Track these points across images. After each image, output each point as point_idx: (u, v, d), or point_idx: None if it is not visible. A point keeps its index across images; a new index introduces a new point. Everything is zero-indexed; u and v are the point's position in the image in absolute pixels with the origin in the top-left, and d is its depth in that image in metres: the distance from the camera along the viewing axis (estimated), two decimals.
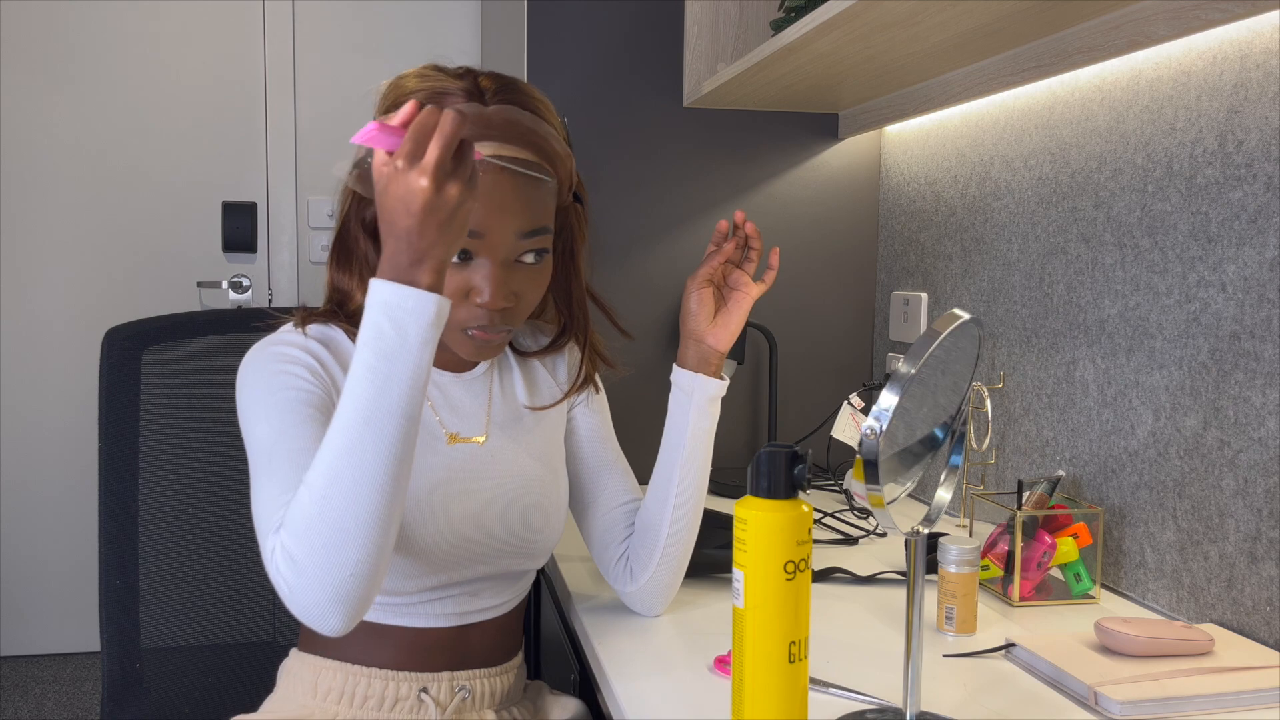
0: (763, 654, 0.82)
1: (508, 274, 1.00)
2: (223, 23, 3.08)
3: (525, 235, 1.00)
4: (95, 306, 3.06)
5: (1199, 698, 0.95)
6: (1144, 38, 1.20)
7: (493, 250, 0.99)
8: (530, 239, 1.01)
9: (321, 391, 1.00)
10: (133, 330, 1.31)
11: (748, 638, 0.82)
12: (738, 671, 0.83)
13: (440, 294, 0.86)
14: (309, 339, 1.04)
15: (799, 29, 1.38)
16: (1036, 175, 1.50)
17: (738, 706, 0.84)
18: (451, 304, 0.98)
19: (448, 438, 1.08)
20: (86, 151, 3.04)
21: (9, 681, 2.93)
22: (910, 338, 1.89)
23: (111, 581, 1.28)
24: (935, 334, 0.81)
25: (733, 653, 0.84)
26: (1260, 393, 1.11)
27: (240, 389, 1.01)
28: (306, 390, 0.99)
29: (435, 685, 1.09)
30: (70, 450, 3.07)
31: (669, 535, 1.13)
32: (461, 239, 0.86)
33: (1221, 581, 1.16)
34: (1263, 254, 1.10)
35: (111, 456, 1.29)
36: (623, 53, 1.92)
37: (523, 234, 1.00)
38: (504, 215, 0.98)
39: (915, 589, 0.88)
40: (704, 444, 1.14)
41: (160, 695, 1.30)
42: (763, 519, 0.81)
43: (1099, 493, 1.35)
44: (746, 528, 0.81)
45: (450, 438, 1.08)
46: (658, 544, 1.14)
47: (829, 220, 2.01)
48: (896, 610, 1.23)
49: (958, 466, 0.91)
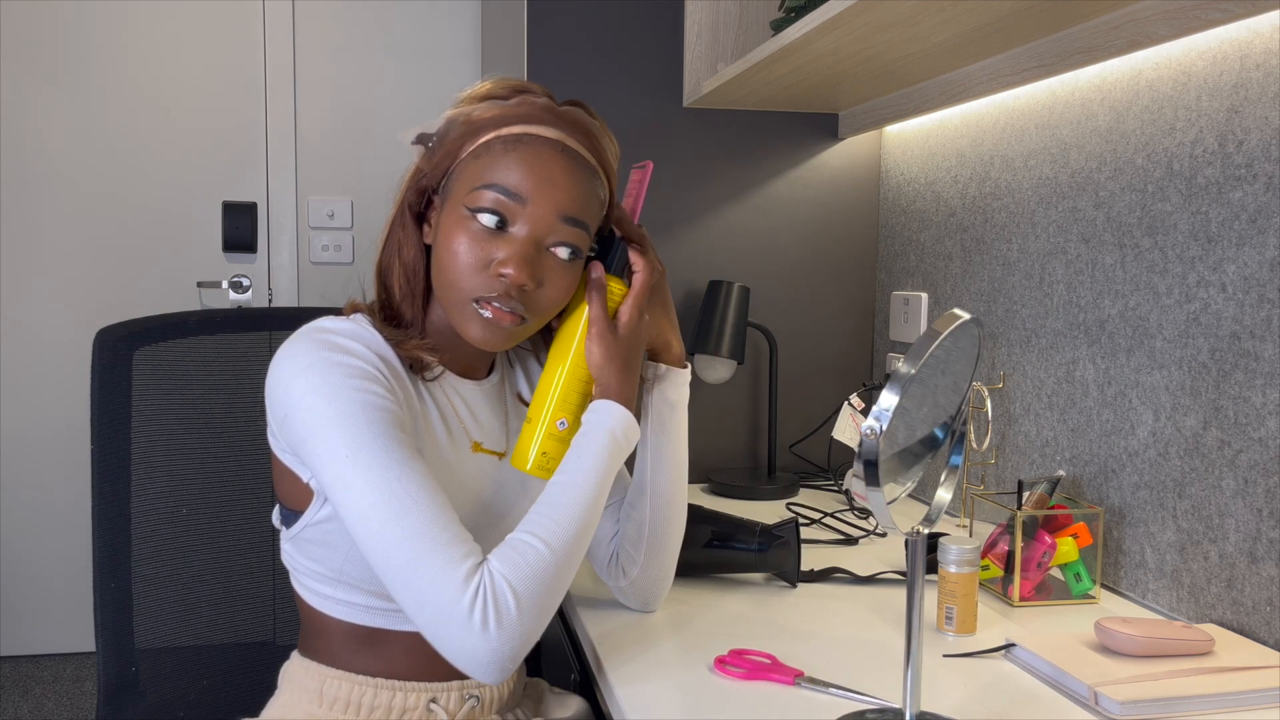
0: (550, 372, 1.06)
1: (537, 255, 1.00)
2: (223, 23, 3.08)
3: (565, 219, 1.00)
4: (95, 306, 3.06)
5: (1199, 698, 0.95)
6: (1144, 38, 1.20)
7: (531, 221, 0.99)
8: (569, 226, 1.01)
9: (395, 404, 0.97)
10: (124, 330, 1.30)
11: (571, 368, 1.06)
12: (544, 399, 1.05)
13: None
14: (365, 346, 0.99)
15: (799, 29, 1.38)
16: (1036, 175, 1.50)
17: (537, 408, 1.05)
18: (469, 270, 0.99)
19: (471, 445, 1.08)
20: (86, 151, 3.04)
21: (9, 681, 2.93)
22: (910, 338, 1.89)
23: (106, 583, 1.28)
24: (935, 334, 0.81)
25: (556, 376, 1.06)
26: (1260, 393, 1.11)
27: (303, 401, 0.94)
28: (387, 408, 0.95)
29: (445, 695, 1.08)
30: (71, 450, 3.07)
31: (650, 527, 1.14)
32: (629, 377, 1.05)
33: (1221, 581, 1.16)
34: (1263, 254, 1.10)
35: (104, 458, 1.28)
36: (623, 53, 1.92)
37: (564, 216, 1.00)
38: (553, 188, 0.99)
39: (915, 589, 0.88)
40: (669, 435, 1.13)
41: (156, 697, 1.30)
42: None
43: (1099, 493, 1.35)
44: None
45: (474, 446, 1.08)
46: (642, 536, 1.14)
47: (829, 220, 2.01)
48: (896, 610, 1.23)
49: (958, 466, 0.91)
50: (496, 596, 0.89)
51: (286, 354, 0.98)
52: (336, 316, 1.04)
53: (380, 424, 0.94)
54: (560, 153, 1.01)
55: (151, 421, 1.31)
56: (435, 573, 0.89)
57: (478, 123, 1.02)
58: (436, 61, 3.16)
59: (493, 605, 0.88)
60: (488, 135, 1.01)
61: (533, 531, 0.94)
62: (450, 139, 1.03)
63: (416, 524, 0.90)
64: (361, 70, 3.13)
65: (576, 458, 1.00)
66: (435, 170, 1.04)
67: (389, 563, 0.90)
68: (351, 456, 0.92)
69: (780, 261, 2.00)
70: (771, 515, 1.60)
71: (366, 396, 0.95)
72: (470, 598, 0.88)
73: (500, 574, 0.90)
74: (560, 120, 1.02)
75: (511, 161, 0.99)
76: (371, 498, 0.91)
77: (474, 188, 0.99)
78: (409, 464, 0.93)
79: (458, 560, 0.89)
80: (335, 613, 1.06)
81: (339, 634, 1.06)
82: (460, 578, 0.89)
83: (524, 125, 1.01)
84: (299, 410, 0.95)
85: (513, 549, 0.92)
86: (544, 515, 0.96)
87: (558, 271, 1.02)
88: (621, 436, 1.03)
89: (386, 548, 0.90)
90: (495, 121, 1.01)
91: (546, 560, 0.92)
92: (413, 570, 0.89)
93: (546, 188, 0.99)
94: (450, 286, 1.01)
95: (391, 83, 3.15)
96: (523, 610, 0.90)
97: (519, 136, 1.00)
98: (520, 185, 0.99)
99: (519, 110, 1.02)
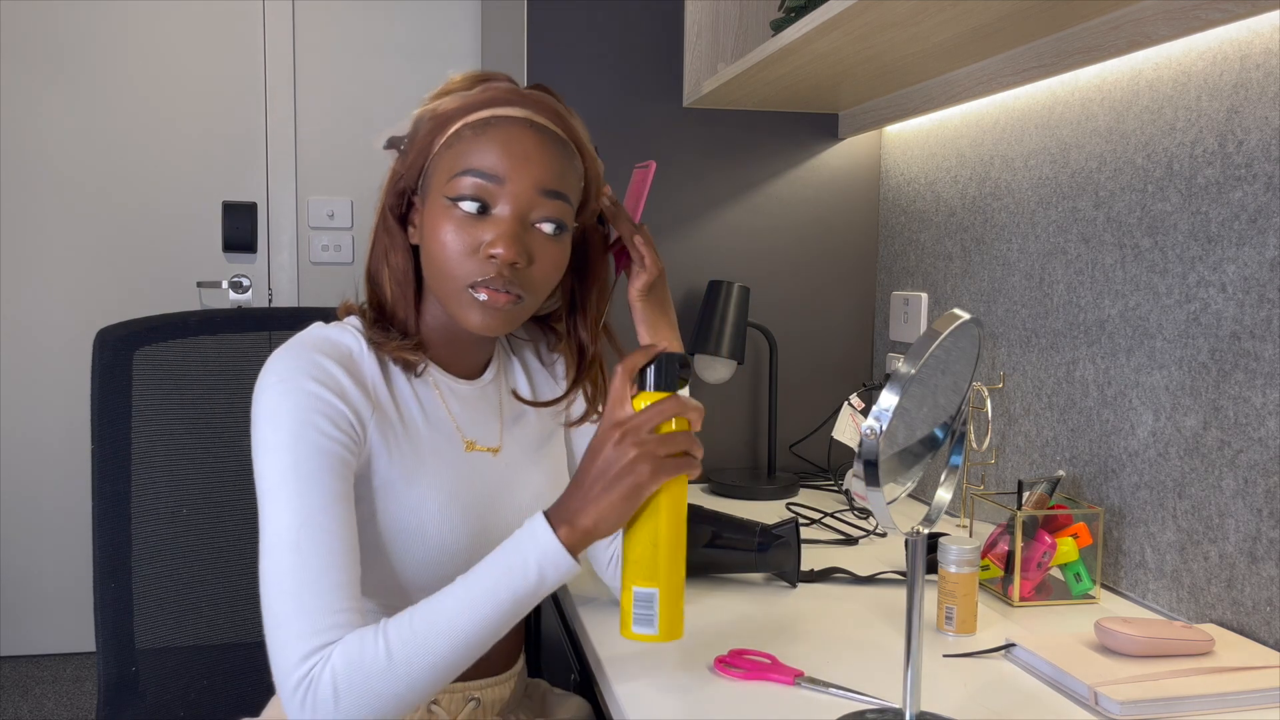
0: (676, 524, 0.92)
1: (524, 232, 1.01)
2: (223, 23, 3.08)
3: (545, 193, 1.01)
4: (95, 306, 3.06)
5: (1199, 698, 0.95)
6: (1144, 38, 1.20)
7: (512, 199, 1.00)
8: (549, 199, 1.01)
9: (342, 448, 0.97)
10: (124, 331, 1.30)
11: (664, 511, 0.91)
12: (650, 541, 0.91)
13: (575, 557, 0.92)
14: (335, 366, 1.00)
15: (799, 29, 1.38)
16: (1036, 175, 1.50)
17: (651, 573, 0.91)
18: (460, 256, 0.99)
19: (465, 445, 1.08)
20: (86, 151, 3.04)
21: (9, 681, 2.93)
22: (910, 338, 1.89)
23: (106, 584, 1.28)
24: (935, 334, 0.81)
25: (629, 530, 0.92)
26: (1260, 393, 1.11)
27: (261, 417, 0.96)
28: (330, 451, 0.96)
29: (446, 696, 1.08)
30: (72, 450, 3.07)
31: None
32: (621, 522, 0.92)
33: (1221, 581, 1.16)
34: (1263, 254, 1.10)
35: (104, 458, 1.28)
36: (623, 53, 1.92)
37: (542, 189, 1.00)
38: (527, 164, 1.00)
39: (915, 589, 0.88)
40: None
41: (156, 697, 1.30)
42: None
43: (1099, 493, 1.35)
44: None
45: (467, 445, 1.08)
46: None
47: (829, 220, 2.01)
48: (896, 610, 1.23)
49: (958, 466, 0.91)
50: (319, 689, 0.87)
51: (271, 364, 0.99)
52: (330, 323, 1.05)
53: (318, 469, 0.94)
54: (530, 128, 1.01)
55: (152, 421, 1.31)
56: (286, 638, 0.89)
57: (445, 114, 1.03)
58: (436, 61, 3.16)
59: (313, 694, 0.87)
60: (456, 124, 1.03)
61: (392, 632, 0.89)
62: (421, 136, 1.04)
63: (298, 582, 0.90)
64: (361, 70, 3.13)
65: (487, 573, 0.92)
66: (411, 170, 1.05)
67: (266, 604, 0.91)
68: (276, 489, 0.93)
69: (780, 261, 2.00)
70: (771, 515, 1.60)
71: (318, 438, 0.95)
72: (299, 677, 0.88)
73: (333, 666, 0.88)
74: (525, 99, 1.03)
75: (483, 144, 1.00)
76: (278, 535, 0.92)
77: (451, 177, 1.00)
78: (327, 513, 0.93)
79: (308, 634, 0.89)
80: None
81: None
82: (301, 654, 0.88)
83: (490, 109, 1.02)
84: (256, 424, 0.97)
85: (362, 643, 0.89)
86: (416, 622, 0.90)
87: (545, 247, 1.02)
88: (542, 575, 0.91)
89: (269, 589, 0.91)
90: (461, 110, 1.03)
91: (381, 668, 0.88)
92: (275, 625, 0.90)
93: (521, 164, 1.00)
94: (443, 276, 1.01)
95: (391, 83, 3.15)
96: (340, 709, 0.87)
97: (487, 120, 1.01)
98: (495, 166, 0.99)
99: (483, 96, 1.03)
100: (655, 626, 0.91)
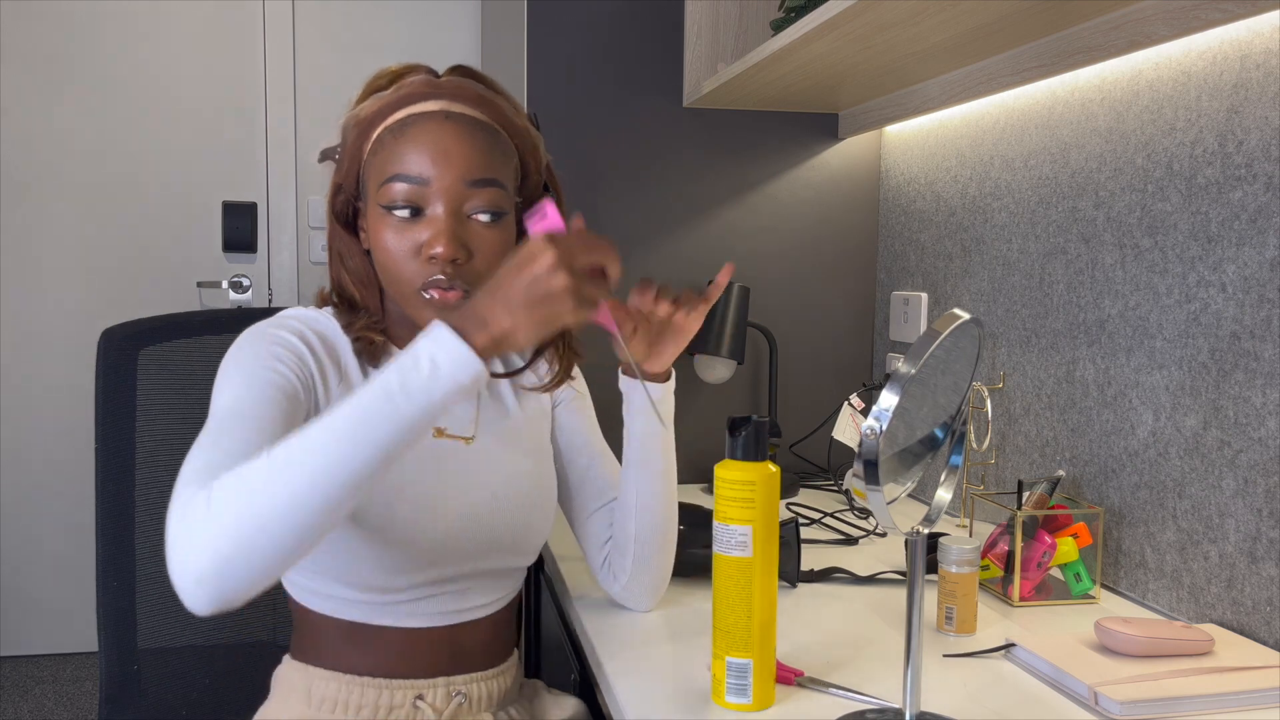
0: (769, 594, 0.92)
1: (459, 226, 1.02)
2: (223, 23, 3.08)
3: (473, 183, 1.01)
4: (95, 307, 3.06)
5: (1199, 698, 0.95)
6: (1144, 38, 1.20)
7: (442, 196, 1.01)
8: (480, 189, 1.02)
9: (298, 383, 0.99)
10: (129, 330, 1.31)
11: (757, 581, 0.91)
12: (745, 611, 0.92)
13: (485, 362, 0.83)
14: (308, 329, 1.05)
15: (799, 29, 1.38)
16: (1036, 175, 1.50)
17: (745, 643, 0.92)
18: (404, 260, 1.01)
19: (434, 431, 1.08)
20: (87, 152, 3.04)
21: (9, 681, 2.93)
22: (910, 338, 1.89)
23: (109, 583, 1.28)
24: (935, 334, 0.81)
25: (722, 599, 0.93)
26: (1260, 393, 1.11)
27: (225, 359, 1.00)
28: (283, 376, 0.98)
29: (431, 691, 1.08)
30: (72, 450, 3.07)
31: (637, 538, 1.14)
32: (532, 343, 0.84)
33: (1221, 581, 1.16)
34: (1263, 254, 1.10)
35: (108, 457, 1.29)
36: (623, 53, 1.92)
37: (470, 181, 1.01)
38: (449, 161, 1.00)
39: (915, 589, 0.88)
40: (655, 447, 1.13)
41: (158, 696, 1.30)
42: (769, 477, 0.91)
43: (1099, 493, 1.35)
44: (755, 487, 0.91)
45: (437, 432, 1.09)
46: (629, 546, 1.14)
47: (829, 220, 2.01)
48: (896, 610, 1.23)
49: (958, 466, 0.91)
50: (195, 497, 0.80)
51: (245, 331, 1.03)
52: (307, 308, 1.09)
53: (265, 383, 0.95)
54: (446, 120, 1.02)
55: (156, 421, 1.31)
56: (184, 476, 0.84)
57: (366, 120, 1.05)
58: (436, 61, 3.16)
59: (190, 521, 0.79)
60: (377, 129, 1.04)
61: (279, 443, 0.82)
62: (350, 145, 1.06)
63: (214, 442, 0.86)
64: (361, 70, 3.13)
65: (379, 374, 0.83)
66: (348, 178, 1.07)
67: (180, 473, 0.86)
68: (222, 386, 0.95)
69: (780, 261, 2.00)
70: None
71: (270, 369, 0.97)
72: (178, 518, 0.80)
73: (210, 494, 0.79)
74: (439, 90, 1.03)
75: (403, 147, 1.01)
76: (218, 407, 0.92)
77: (379, 185, 1.02)
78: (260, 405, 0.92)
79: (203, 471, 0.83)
80: (321, 608, 1.07)
81: (326, 631, 1.07)
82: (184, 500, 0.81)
83: (405, 108, 1.03)
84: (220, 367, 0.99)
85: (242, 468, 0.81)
86: (306, 428, 0.82)
87: (485, 237, 1.03)
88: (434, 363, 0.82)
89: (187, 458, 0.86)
90: (379, 114, 1.04)
91: (260, 466, 0.79)
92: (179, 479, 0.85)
93: (443, 161, 1.00)
94: (394, 282, 1.03)
95: None
96: (211, 509, 0.78)
97: (403, 121, 1.02)
98: (417, 167, 1.00)
99: (397, 96, 1.04)
100: (749, 696, 0.93)
